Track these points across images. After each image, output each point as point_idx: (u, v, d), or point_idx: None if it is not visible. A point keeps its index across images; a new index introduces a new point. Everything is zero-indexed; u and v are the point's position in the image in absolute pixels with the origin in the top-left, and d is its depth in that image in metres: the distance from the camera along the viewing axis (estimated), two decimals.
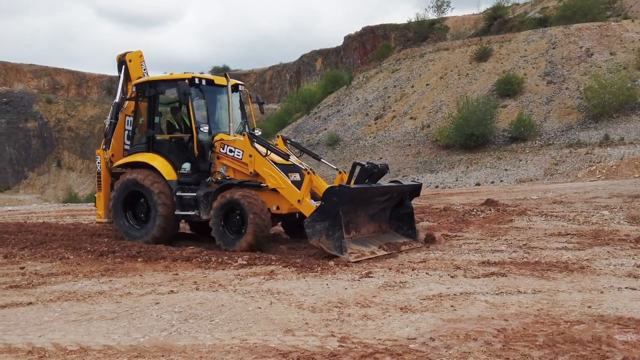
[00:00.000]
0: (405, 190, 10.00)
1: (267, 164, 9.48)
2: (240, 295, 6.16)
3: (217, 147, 10.09)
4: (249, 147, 9.65)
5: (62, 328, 5.14)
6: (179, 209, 10.17)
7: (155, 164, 10.40)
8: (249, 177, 9.71)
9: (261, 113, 12.03)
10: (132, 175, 10.50)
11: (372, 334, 4.72)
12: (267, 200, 9.44)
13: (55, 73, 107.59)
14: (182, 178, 10.36)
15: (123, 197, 10.63)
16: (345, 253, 8.17)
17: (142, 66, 11.83)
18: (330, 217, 8.27)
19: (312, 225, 8.37)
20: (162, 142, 10.78)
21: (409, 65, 57.59)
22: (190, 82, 10.24)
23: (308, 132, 55.01)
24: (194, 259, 8.49)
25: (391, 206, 9.83)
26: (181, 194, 10.15)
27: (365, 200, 9.12)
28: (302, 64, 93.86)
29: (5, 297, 6.47)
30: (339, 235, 8.24)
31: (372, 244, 8.96)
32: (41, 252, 9.62)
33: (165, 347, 4.53)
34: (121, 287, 6.84)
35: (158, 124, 10.96)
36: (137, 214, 10.79)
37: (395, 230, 9.84)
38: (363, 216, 9.27)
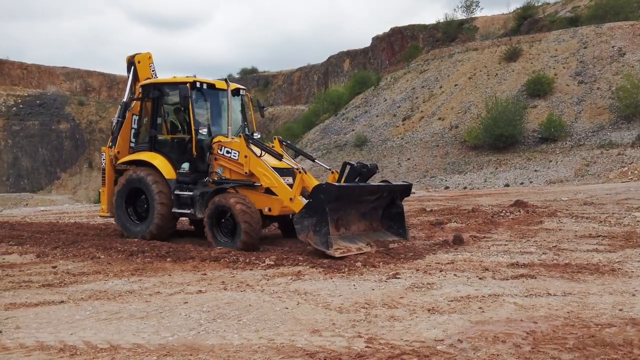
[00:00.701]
0: (395, 190, 10.23)
1: (261, 164, 9.80)
2: (268, 296, 6.19)
3: (215, 149, 10.47)
4: (245, 148, 9.98)
5: (93, 326, 5.22)
6: (176, 207, 10.60)
7: (156, 162, 10.84)
8: (244, 177, 10.06)
9: (262, 117, 12.36)
10: (133, 172, 11.00)
11: (399, 335, 4.71)
12: (260, 202, 9.83)
13: (87, 75, 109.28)
14: (181, 177, 10.79)
15: (125, 193, 11.12)
16: (330, 248, 8.43)
17: (151, 67, 12.26)
18: (317, 214, 8.58)
19: (300, 221, 8.71)
20: (163, 142, 11.23)
21: (437, 66, 57.23)
22: (191, 85, 10.60)
23: (335, 133, 55.00)
24: (222, 259, 8.55)
25: (383, 205, 10.09)
26: (179, 192, 10.59)
27: (354, 198, 9.39)
28: (330, 65, 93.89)
29: (38, 295, 6.59)
30: (325, 231, 8.51)
31: (360, 241, 9.23)
32: (73, 251, 9.78)
33: (193, 346, 4.57)
34: (150, 286, 6.92)
35: (160, 125, 11.37)
36: (137, 210, 11.26)
37: (386, 228, 10.10)
38: (353, 214, 9.55)
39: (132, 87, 12.20)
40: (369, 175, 10.02)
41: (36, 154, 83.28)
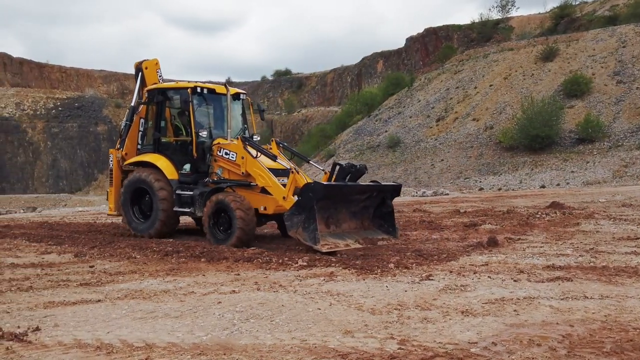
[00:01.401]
0: (386, 189, 10.61)
1: (257, 165, 10.33)
2: (300, 296, 6.21)
3: (215, 150, 11.00)
4: (242, 149, 10.50)
5: (129, 325, 5.30)
6: (177, 206, 11.20)
7: (160, 164, 11.43)
8: (241, 178, 10.58)
9: (262, 120, 12.97)
10: (138, 173, 11.65)
11: (432, 337, 4.68)
12: (256, 201, 10.34)
13: (124, 78, 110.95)
14: (182, 178, 11.37)
15: (130, 193, 11.75)
16: (318, 244, 8.88)
17: (158, 73, 12.85)
18: (306, 211, 9.07)
19: (290, 218, 9.23)
20: (167, 144, 11.85)
21: (472, 66, 56.70)
22: (192, 90, 11.26)
23: (368, 134, 54.91)
24: (255, 259, 8.60)
25: (374, 204, 10.48)
26: (180, 192, 11.17)
27: (343, 197, 9.89)
28: (363, 66, 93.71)
29: (75, 294, 6.71)
30: (313, 228, 8.97)
31: (349, 238, 9.72)
32: (109, 251, 9.94)
33: (227, 346, 4.61)
34: (185, 286, 7.00)
35: (164, 128, 11.99)
36: (142, 209, 11.84)
37: (377, 227, 10.50)
38: (344, 213, 10.04)
39: (140, 91, 12.71)
40: (358, 176, 10.43)
41: (74, 155, 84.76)
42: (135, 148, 12.37)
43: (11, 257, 9.65)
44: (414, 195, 30.08)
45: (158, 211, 11.25)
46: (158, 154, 11.71)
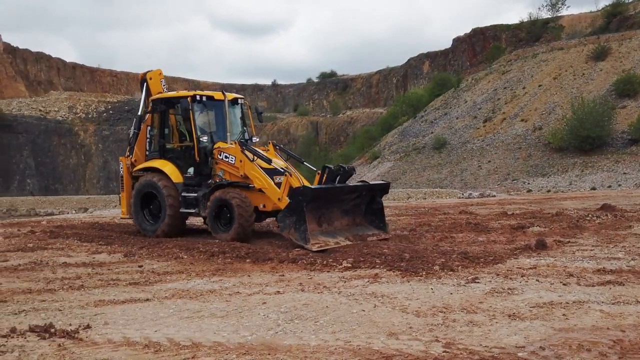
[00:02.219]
0: (375, 188, 11.36)
1: (254, 168, 11.00)
2: (345, 298, 6.21)
3: (216, 154, 11.68)
4: (240, 153, 11.21)
5: (176, 324, 5.39)
6: (183, 207, 11.90)
7: (166, 169, 12.14)
8: (240, 179, 11.25)
9: (260, 122, 13.55)
10: (147, 178, 12.34)
11: (478, 341, 4.62)
12: (255, 200, 11.09)
13: (172, 82, 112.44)
14: (187, 181, 12.03)
15: (140, 197, 12.43)
16: (308, 243, 9.50)
17: (162, 83, 13.53)
18: (297, 213, 9.74)
19: (282, 220, 9.96)
20: (171, 150, 12.57)
21: (520, 66, 55.75)
22: (192, 98, 11.92)
23: (414, 135, 54.53)
24: (300, 260, 8.63)
25: (365, 202, 11.18)
26: (185, 194, 11.86)
27: (332, 198, 10.56)
28: (409, 67, 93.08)
29: (125, 293, 6.87)
30: (303, 229, 9.62)
31: (339, 235, 10.37)
32: (158, 251, 10.12)
33: (271, 346, 4.65)
34: (230, 286, 7.08)
35: (168, 134, 12.68)
36: (152, 211, 12.53)
37: (368, 223, 11.20)
38: (335, 211, 10.72)
39: (146, 101, 13.32)
40: (347, 177, 11.16)
41: None
42: (144, 155, 13.02)
43: (63, 256, 9.92)
44: (460, 197, 29.73)
45: (166, 213, 11.95)
46: (164, 160, 12.40)
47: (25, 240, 12.12)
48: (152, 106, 12.82)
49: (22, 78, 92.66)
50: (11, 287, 7.29)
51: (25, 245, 11.27)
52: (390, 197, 30.00)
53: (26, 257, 9.86)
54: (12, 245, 11.34)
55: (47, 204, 43.83)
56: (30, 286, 7.36)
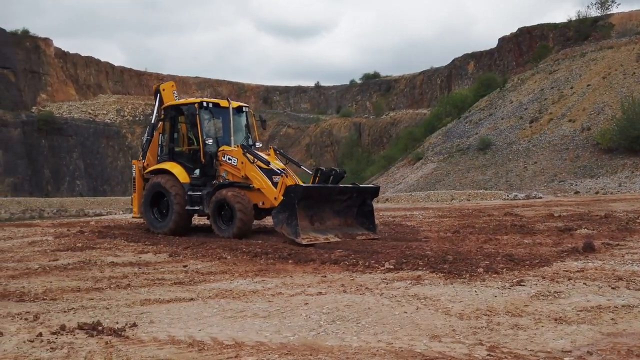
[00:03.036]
0: (365, 191, 12.16)
1: (254, 169, 11.93)
2: (387, 299, 6.18)
3: (220, 156, 12.65)
4: (241, 155, 12.15)
5: (219, 323, 5.45)
6: (189, 205, 12.75)
7: (175, 170, 13.02)
8: (241, 180, 12.19)
9: (263, 129, 14.58)
10: (156, 179, 13.26)
11: (523, 345, 4.54)
12: (255, 198, 11.99)
13: (217, 84, 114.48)
14: (194, 181, 12.92)
15: (150, 197, 13.35)
16: (299, 237, 10.35)
17: (174, 94, 14.67)
18: (289, 210, 10.61)
19: (276, 216, 10.88)
20: (180, 153, 13.50)
21: (568, 66, 54.58)
22: (199, 105, 12.88)
23: (458, 136, 53.93)
24: (342, 262, 8.62)
25: (357, 205, 11.94)
26: (191, 193, 12.73)
27: (323, 197, 11.38)
28: (454, 67, 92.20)
29: (170, 292, 6.98)
30: (294, 224, 10.49)
31: (329, 233, 11.15)
32: (202, 251, 10.26)
33: (313, 347, 4.65)
34: (273, 287, 7.12)
35: (177, 139, 13.64)
36: (161, 210, 13.42)
37: (359, 224, 11.93)
38: (328, 211, 11.55)
39: (159, 110, 14.37)
40: (339, 179, 11.97)
41: None
42: (156, 159, 14.03)
43: (111, 256, 10.15)
44: (505, 198, 29.28)
45: (173, 211, 12.83)
46: (173, 162, 13.33)
47: (74, 240, 12.45)
48: (164, 113, 13.93)
49: (72, 82, 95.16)
50: (61, 286, 7.50)
51: (75, 245, 11.58)
52: (433, 199, 29.75)
53: (75, 256, 10.13)
54: (61, 245, 11.67)
55: (96, 205, 44.96)
56: (79, 285, 7.55)
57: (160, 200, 13.32)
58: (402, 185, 48.60)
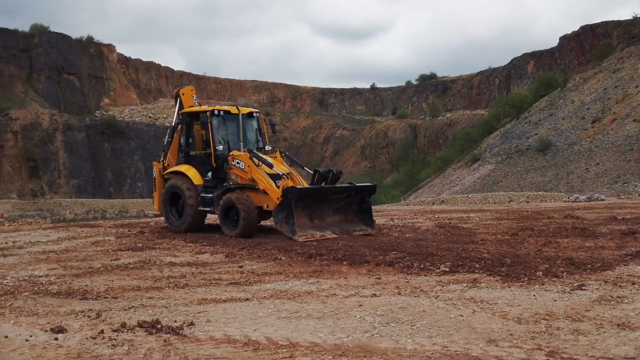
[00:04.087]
0: (363, 190, 13.19)
1: (259, 172, 12.65)
2: (442, 302, 6.11)
3: (230, 160, 13.36)
4: (248, 159, 12.89)
5: (274, 323, 5.50)
6: (201, 206, 13.57)
7: (189, 173, 13.80)
8: (248, 182, 12.93)
9: (273, 132, 15.31)
10: (173, 180, 14.14)
11: (584, 350, 4.41)
12: (260, 200, 12.66)
13: (273, 87, 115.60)
14: (206, 183, 13.70)
15: (168, 197, 14.23)
16: (295, 235, 11.35)
17: (193, 98, 15.33)
18: (287, 209, 11.65)
19: (276, 215, 11.92)
20: (194, 156, 14.27)
21: (633, 64, 52.71)
22: (211, 113, 13.63)
23: (517, 137, 52.80)
24: (397, 264, 8.57)
25: (356, 202, 12.91)
26: (204, 194, 13.53)
27: (320, 197, 12.43)
28: (513, 67, 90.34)
29: (226, 292, 7.09)
30: (292, 223, 11.48)
31: (327, 230, 12.06)
32: (257, 252, 10.37)
33: (367, 348, 4.65)
34: (327, 288, 7.14)
35: (192, 143, 14.43)
36: (178, 209, 14.22)
37: (358, 220, 12.85)
38: (327, 209, 12.51)
39: (179, 114, 15.05)
40: (335, 180, 13.00)
41: None
42: (176, 160, 14.81)
43: (170, 256, 10.37)
44: (566, 200, 28.49)
45: (187, 211, 13.68)
46: (188, 165, 14.12)
47: (135, 240, 12.78)
48: (180, 118, 14.77)
49: (133, 86, 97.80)
50: (122, 284, 7.71)
51: (135, 245, 11.89)
52: (490, 201, 29.24)
53: (136, 256, 10.39)
54: (123, 245, 11.99)
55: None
56: (139, 284, 7.75)
57: (177, 200, 14.16)
58: (458, 187, 47.91)
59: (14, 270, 9.06)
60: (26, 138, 66.65)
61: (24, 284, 7.90)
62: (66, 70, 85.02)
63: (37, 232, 15.39)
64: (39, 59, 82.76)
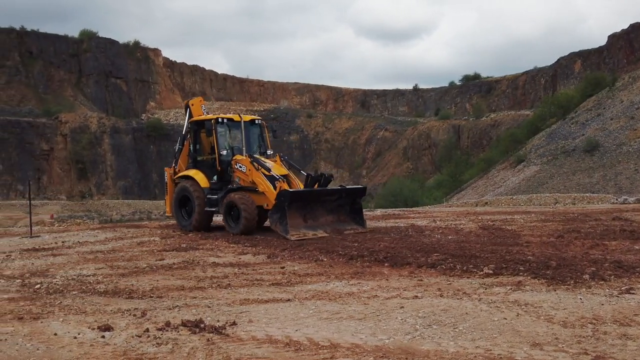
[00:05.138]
0: (354, 191, 14.30)
1: (259, 175, 13.70)
2: (485, 305, 6.03)
3: (233, 164, 14.39)
4: (249, 164, 13.96)
5: (315, 324, 5.52)
6: (208, 207, 14.62)
7: (197, 177, 14.91)
8: (249, 184, 13.97)
9: (274, 138, 16.44)
10: (183, 184, 15.22)
11: (632, 355, 4.30)
12: (260, 200, 13.71)
13: (315, 89, 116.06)
14: (212, 185, 14.75)
15: (178, 199, 15.30)
16: (288, 234, 12.28)
17: (202, 108, 16.63)
18: (280, 211, 12.65)
19: (271, 216, 12.96)
20: (201, 161, 15.39)
21: None
22: (215, 121, 14.75)
23: (563, 138, 51.80)
24: (439, 266, 8.48)
25: (348, 203, 13.91)
26: (210, 196, 14.55)
27: (312, 199, 13.42)
28: (559, 67, 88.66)
29: (268, 293, 7.13)
30: (285, 223, 12.47)
31: (319, 229, 12.98)
32: (299, 253, 10.40)
33: (408, 350, 4.62)
34: (368, 289, 7.12)
35: (199, 149, 15.52)
36: (187, 210, 15.22)
37: (351, 220, 13.81)
38: (320, 210, 13.48)
39: (188, 123, 16.15)
40: (327, 183, 13.76)
41: None
42: (186, 165, 15.94)
43: (213, 256, 10.50)
44: (614, 202, 27.78)
45: (195, 211, 14.71)
46: (196, 169, 15.22)
47: (179, 241, 12.99)
48: (189, 127, 15.86)
49: (178, 90, 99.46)
50: (166, 284, 7.85)
51: (179, 246, 12.07)
52: (535, 202, 28.75)
53: (180, 256, 10.56)
54: (167, 245, 12.20)
55: None
56: (183, 283, 7.87)
57: (187, 202, 15.18)
58: (502, 188, 47.23)
59: (63, 270, 9.32)
60: (75, 141, 68.44)
61: (73, 283, 8.12)
62: (114, 75, 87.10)
63: (85, 233, 15.80)
64: (88, 63, 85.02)
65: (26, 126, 66.86)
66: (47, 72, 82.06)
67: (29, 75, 79.77)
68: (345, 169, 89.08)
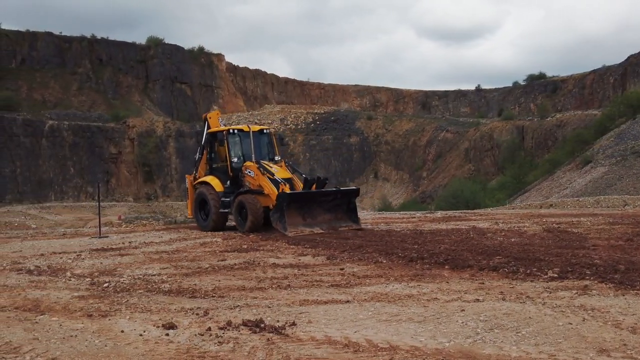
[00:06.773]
0: (348, 192, 15.99)
1: (265, 179, 15.45)
2: (550, 309, 5.88)
3: (244, 170, 16.19)
4: (256, 169, 15.76)
5: (374, 326, 5.51)
6: (221, 209, 16.32)
7: (213, 182, 16.82)
8: (257, 187, 15.65)
9: (282, 145, 18.46)
10: (201, 189, 17.12)
11: None
12: (266, 202, 15.33)
13: (375, 91, 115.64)
14: (226, 189, 16.46)
15: (197, 202, 17.21)
16: (286, 231, 13.90)
17: (219, 120, 18.56)
18: (280, 211, 14.33)
19: (272, 215, 14.68)
20: (217, 168, 17.28)
21: None
22: (227, 132, 16.69)
23: (633, 138, 49.89)
24: (501, 269, 8.32)
25: (345, 203, 15.56)
26: (223, 199, 16.29)
27: (309, 200, 15.01)
28: (630, 65, 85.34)
29: (327, 294, 7.16)
30: (284, 221, 14.13)
31: (316, 226, 14.62)
32: (358, 255, 10.39)
33: (469, 354, 4.56)
34: (428, 292, 7.05)
35: (215, 157, 17.40)
36: (205, 213, 16.92)
37: (347, 218, 15.43)
38: (318, 209, 15.08)
39: (205, 134, 17.92)
40: (323, 185, 15.48)
41: (329, 165, 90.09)
42: (204, 172, 17.71)
43: (273, 257, 10.62)
44: None
45: (211, 213, 16.47)
46: (212, 175, 17.13)
47: (240, 242, 13.20)
48: (206, 138, 17.74)
49: (241, 94, 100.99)
50: (228, 284, 7.98)
51: (240, 247, 12.27)
52: (603, 204, 27.83)
53: (241, 257, 10.73)
54: (229, 247, 12.42)
55: None
56: (244, 284, 8.00)
57: (205, 205, 16.88)
58: (568, 190, 45.85)
59: (129, 269, 9.61)
60: (142, 144, 70.34)
61: (139, 282, 8.37)
62: (179, 80, 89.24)
63: (150, 233, 16.30)
64: (154, 69, 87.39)
65: (96, 131, 69.13)
66: (116, 78, 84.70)
67: (98, 82, 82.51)
68: (405, 170, 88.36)
